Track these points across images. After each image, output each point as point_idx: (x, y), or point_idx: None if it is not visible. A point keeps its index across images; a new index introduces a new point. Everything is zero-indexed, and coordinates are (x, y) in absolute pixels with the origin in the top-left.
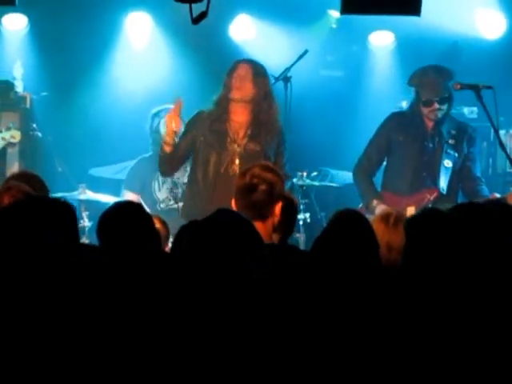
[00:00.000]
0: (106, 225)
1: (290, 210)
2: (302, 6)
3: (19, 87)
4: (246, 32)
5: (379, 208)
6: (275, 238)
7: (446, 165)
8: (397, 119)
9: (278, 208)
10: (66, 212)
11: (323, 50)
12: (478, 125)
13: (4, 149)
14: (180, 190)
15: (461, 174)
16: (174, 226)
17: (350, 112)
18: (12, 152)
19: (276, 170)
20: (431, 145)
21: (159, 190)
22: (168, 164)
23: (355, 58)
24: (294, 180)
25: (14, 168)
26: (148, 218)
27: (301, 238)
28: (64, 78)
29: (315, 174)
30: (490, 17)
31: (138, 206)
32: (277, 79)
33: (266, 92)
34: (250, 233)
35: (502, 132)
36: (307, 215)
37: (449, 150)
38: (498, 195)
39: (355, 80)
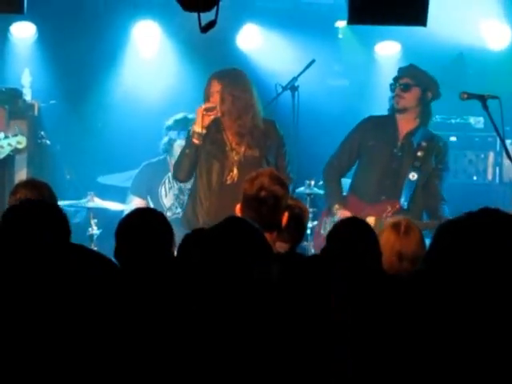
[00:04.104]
0: (129, 228)
1: (299, 219)
2: (309, 16)
3: (27, 95)
4: (253, 41)
5: (340, 213)
6: (284, 246)
7: (411, 178)
8: (371, 123)
9: (284, 219)
10: (56, 214)
11: (330, 60)
12: (484, 134)
13: (12, 156)
14: (186, 198)
15: (426, 191)
16: (180, 235)
17: (356, 121)
18: (20, 160)
19: (283, 180)
20: (400, 153)
21: (166, 196)
22: (188, 166)
23: (362, 67)
24: (302, 189)
25: (22, 176)
26: (169, 225)
27: (309, 246)
28: (72, 86)
29: (323, 182)
30: (496, 27)
31: (161, 213)
32: (284, 88)
33: (234, 98)
34: (258, 239)
35: (508, 141)
36: (315, 223)
37: (416, 163)
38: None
39: (362, 89)
